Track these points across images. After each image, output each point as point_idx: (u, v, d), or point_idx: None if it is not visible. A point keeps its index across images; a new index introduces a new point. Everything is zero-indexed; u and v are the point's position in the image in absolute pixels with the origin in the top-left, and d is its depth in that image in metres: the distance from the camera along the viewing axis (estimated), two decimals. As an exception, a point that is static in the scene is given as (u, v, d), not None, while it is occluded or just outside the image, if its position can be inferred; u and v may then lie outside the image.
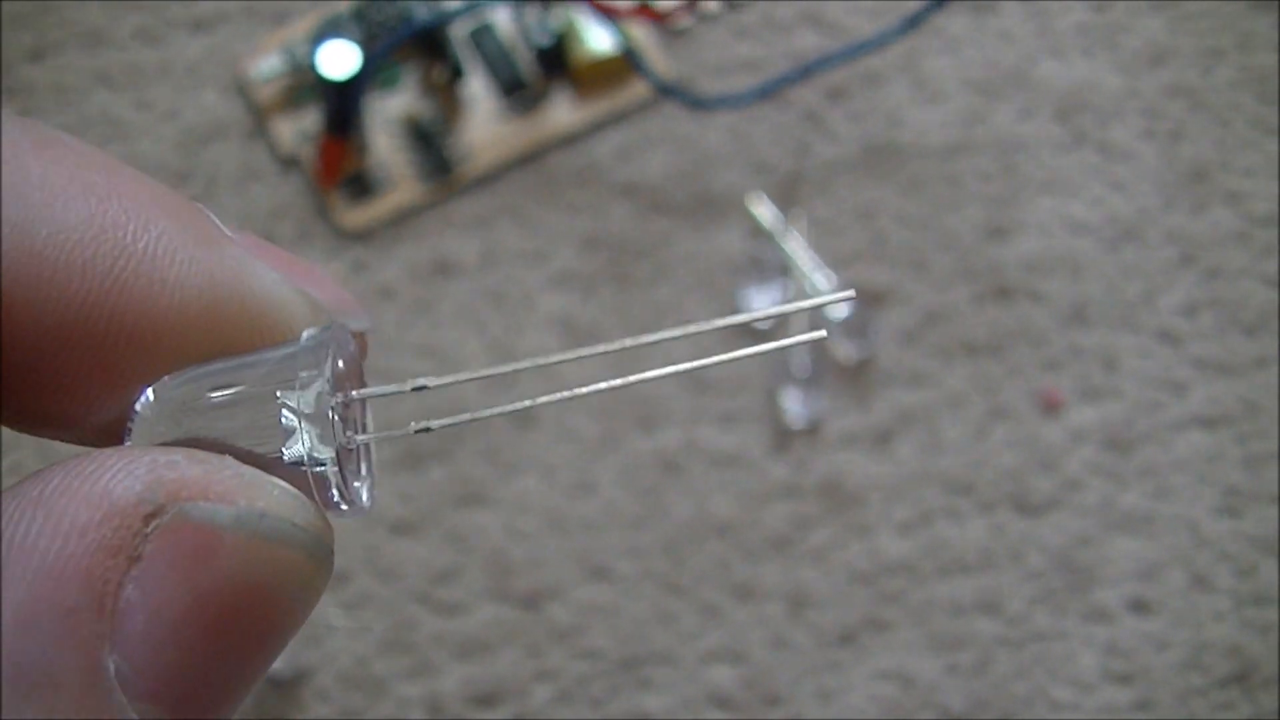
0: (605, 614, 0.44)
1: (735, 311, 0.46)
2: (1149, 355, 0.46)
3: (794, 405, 0.44)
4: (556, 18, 0.46)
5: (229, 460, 0.13)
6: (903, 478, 0.45)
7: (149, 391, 0.14)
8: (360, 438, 0.14)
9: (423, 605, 0.44)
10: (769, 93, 0.47)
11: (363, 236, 0.46)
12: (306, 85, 0.46)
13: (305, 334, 0.14)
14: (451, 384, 0.15)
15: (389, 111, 0.47)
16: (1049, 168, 0.48)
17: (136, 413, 0.14)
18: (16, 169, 0.13)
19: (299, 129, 0.46)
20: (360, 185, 0.46)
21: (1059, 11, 0.50)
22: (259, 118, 0.47)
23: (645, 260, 0.46)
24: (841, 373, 0.46)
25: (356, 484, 0.14)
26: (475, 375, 0.15)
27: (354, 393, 0.14)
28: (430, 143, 0.46)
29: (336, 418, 0.14)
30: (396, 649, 0.43)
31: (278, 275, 0.15)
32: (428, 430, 0.15)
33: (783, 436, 0.45)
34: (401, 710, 0.43)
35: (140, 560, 0.11)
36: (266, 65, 0.46)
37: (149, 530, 0.11)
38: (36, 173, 0.13)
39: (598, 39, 0.46)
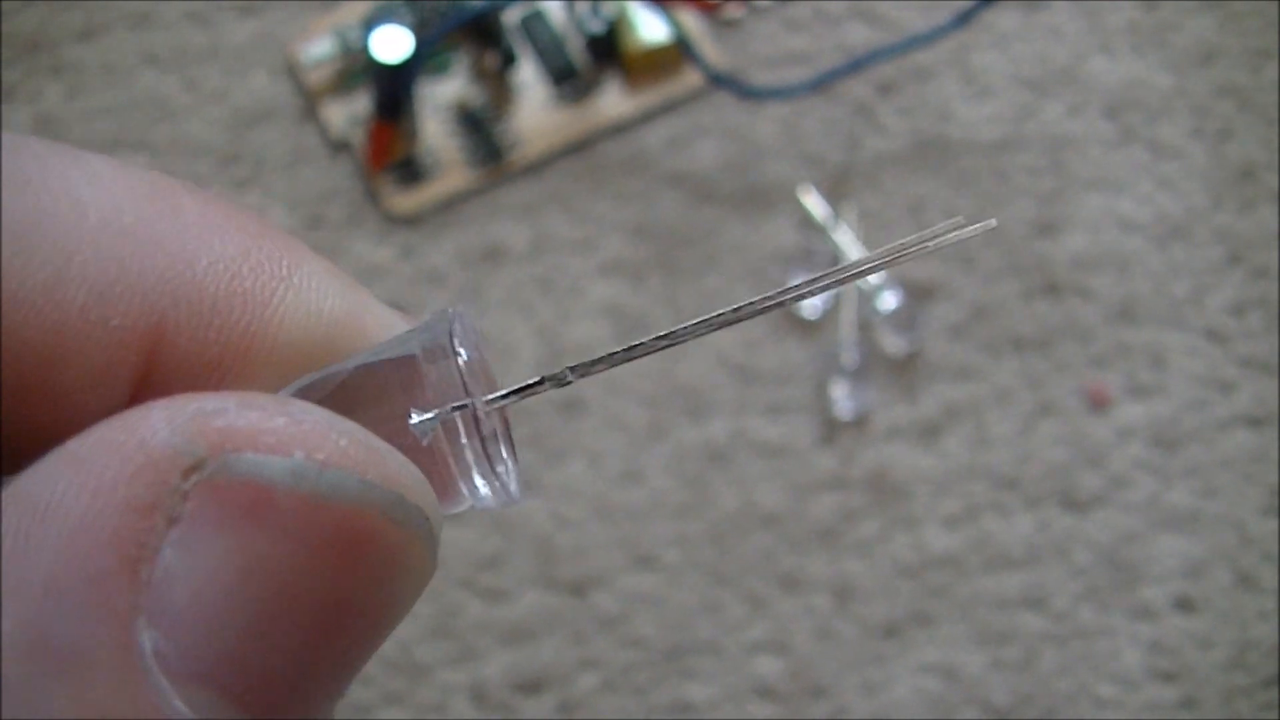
0: (651, 603, 0.44)
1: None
2: (1196, 353, 0.46)
3: (842, 397, 0.44)
4: (609, 6, 0.46)
5: (293, 403, 0.11)
6: (950, 471, 0.45)
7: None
8: (492, 396, 0.13)
9: (468, 591, 0.44)
10: (820, 85, 0.47)
11: (412, 222, 0.46)
12: (357, 69, 0.46)
13: (426, 317, 0.14)
14: (591, 364, 0.14)
15: (440, 97, 0.47)
16: (1098, 165, 0.48)
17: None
18: (170, 203, 0.13)
19: (349, 113, 0.46)
20: (410, 170, 0.46)
21: (1109, 9, 0.50)
22: (309, 101, 0.47)
23: (694, 249, 0.46)
24: (889, 366, 0.45)
25: (500, 466, 0.13)
26: (613, 353, 0.15)
27: (485, 399, 0.13)
28: (480, 129, 0.46)
29: (464, 379, 0.13)
30: (441, 634, 0.43)
31: (398, 317, 0.15)
32: (565, 382, 0.14)
33: (830, 428, 0.45)
34: (445, 696, 0.43)
35: (179, 522, 0.10)
36: (317, 48, 0.46)
37: (188, 486, 0.10)
38: (192, 207, 0.13)
39: (650, 28, 0.46)
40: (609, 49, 0.46)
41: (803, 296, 0.14)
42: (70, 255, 0.12)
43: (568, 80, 0.47)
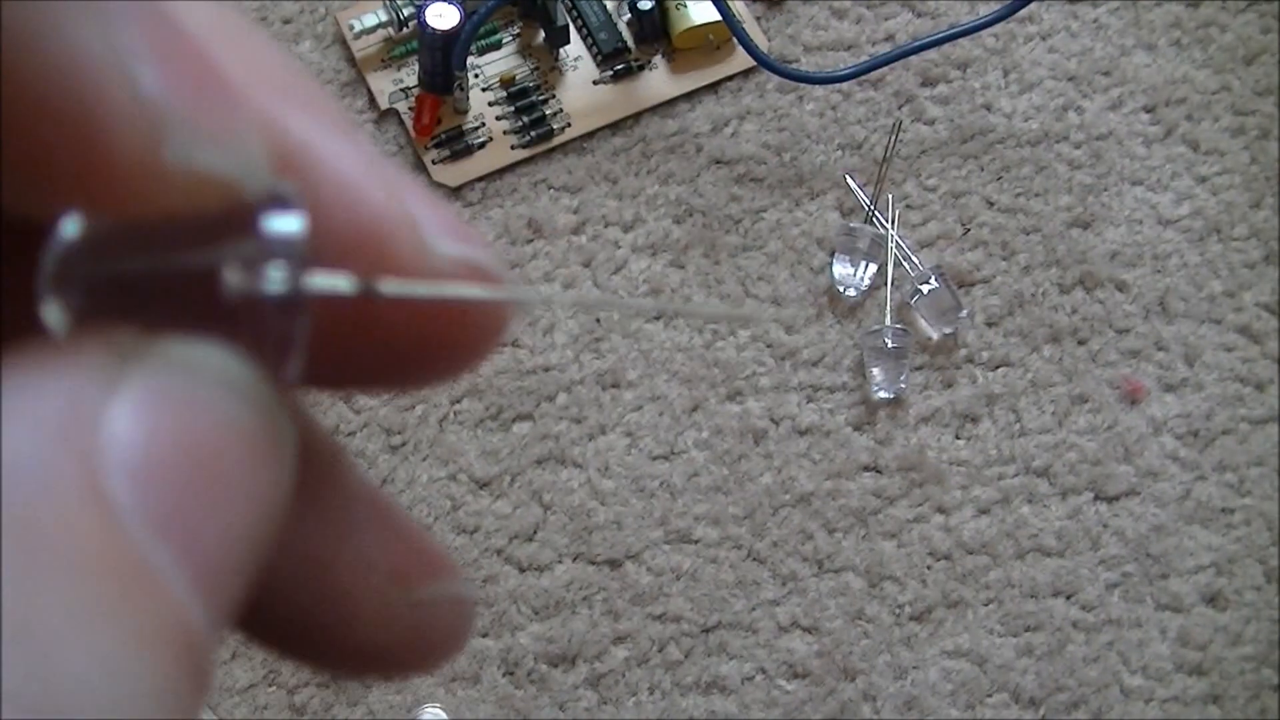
0: (685, 579, 0.44)
1: (826, 284, 0.46)
2: (1231, 349, 0.47)
3: (880, 380, 0.45)
4: (658, -14, 0.47)
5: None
6: (984, 458, 0.45)
7: (67, 222, 0.12)
8: (315, 281, 0.12)
9: (503, 561, 0.44)
10: (864, 72, 0.47)
11: (457, 193, 0.46)
12: (407, 40, 0.47)
13: (269, 186, 0.12)
14: (404, 295, 0.12)
15: (488, 71, 0.47)
16: (1137, 160, 0.48)
17: (55, 240, 0.12)
18: None
19: (397, 83, 0.47)
20: (457, 143, 0.46)
21: (1152, 6, 0.50)
22: (357, 70, 0.47)
23: (736, 230, 0.46)
24: (927, 351, 0.46)
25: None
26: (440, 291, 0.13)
27: (306, 276, 0.12)
28: (528, 104, 0.46)
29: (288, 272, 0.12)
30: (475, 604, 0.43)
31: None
32: (372, 293, 0.12)
33: (867, 410, 0.45)
34: (477, 665, 0.43)
35: (121, 392, 0.11)
36: (366, 18, 0.47)
37: (125, 365, 0.11)
38: None
39: (698, 8, 0.46)
40: (658, 28, 0.47)
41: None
42: None
43: (616, 58, 0.47)
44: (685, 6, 0.46)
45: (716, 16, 0.46)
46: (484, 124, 0.46)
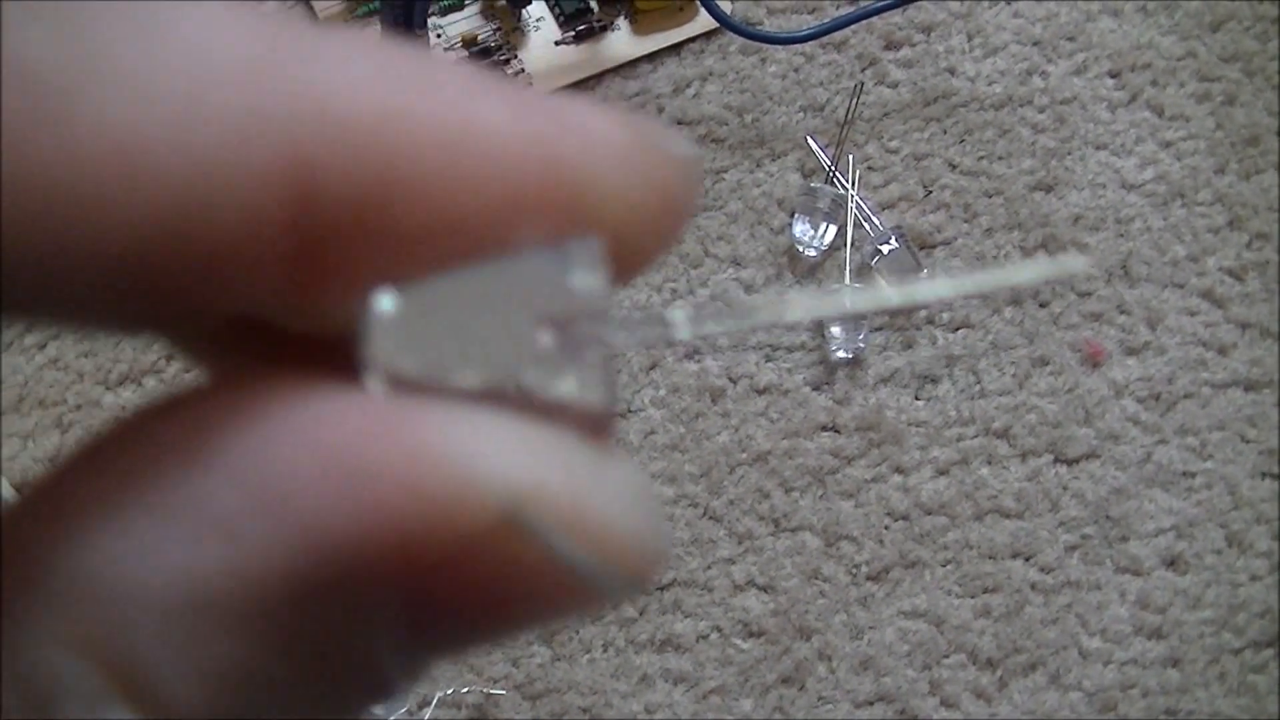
0: (640, 536, 0.44)
1: (785, 244, 0.46)
2: (1194, 314, 0.46)
3: (839, 338, 0.44)
4: (621, -53, 0.47)
5: (564, 447, 0.11)
6: (943, 419, 0.45)
7: (384, 295, 0.11)
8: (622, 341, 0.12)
9: (458, 517, 0.44)
10: (827, 34, 0.47)
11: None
12: (367, 1, 0.47)
13: (573, 244, 0.12)
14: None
15: (450, 31, 0.47)
16: (1101, 124, 0.48)
17: (374, 315, 0.11)
18: (292, 33, 0.11)
19: (360, 43, 0.47)
20: (417, 101, 0.46)
21: (1118, -27, 0.50)
22: (320, 31, 0.47)
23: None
24: (887, 312, 0.46)
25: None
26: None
27: (615, 335, 0.12)
28: (489, 64, 0.46)
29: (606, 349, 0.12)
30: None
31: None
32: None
33: (825, 370, 0.45)
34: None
35: (467, 562, 0.10)
36: (331, -21, 0.47)
37: (484, 532, 0.10)
38: (316, 36, 0.11)
39: (661, -31, 0.46)
40: (619, -11, 0.47)
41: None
42: (193, 97, 0.10)
43: (579, 19, 0.47)
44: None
45: (679, -23, 0.46)
46: (446, 83, 0.46)
